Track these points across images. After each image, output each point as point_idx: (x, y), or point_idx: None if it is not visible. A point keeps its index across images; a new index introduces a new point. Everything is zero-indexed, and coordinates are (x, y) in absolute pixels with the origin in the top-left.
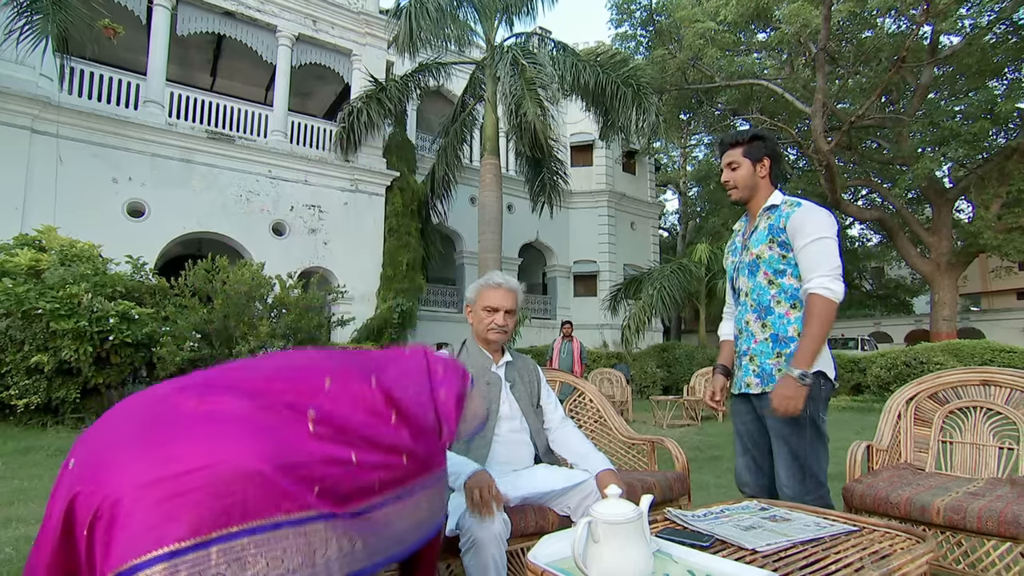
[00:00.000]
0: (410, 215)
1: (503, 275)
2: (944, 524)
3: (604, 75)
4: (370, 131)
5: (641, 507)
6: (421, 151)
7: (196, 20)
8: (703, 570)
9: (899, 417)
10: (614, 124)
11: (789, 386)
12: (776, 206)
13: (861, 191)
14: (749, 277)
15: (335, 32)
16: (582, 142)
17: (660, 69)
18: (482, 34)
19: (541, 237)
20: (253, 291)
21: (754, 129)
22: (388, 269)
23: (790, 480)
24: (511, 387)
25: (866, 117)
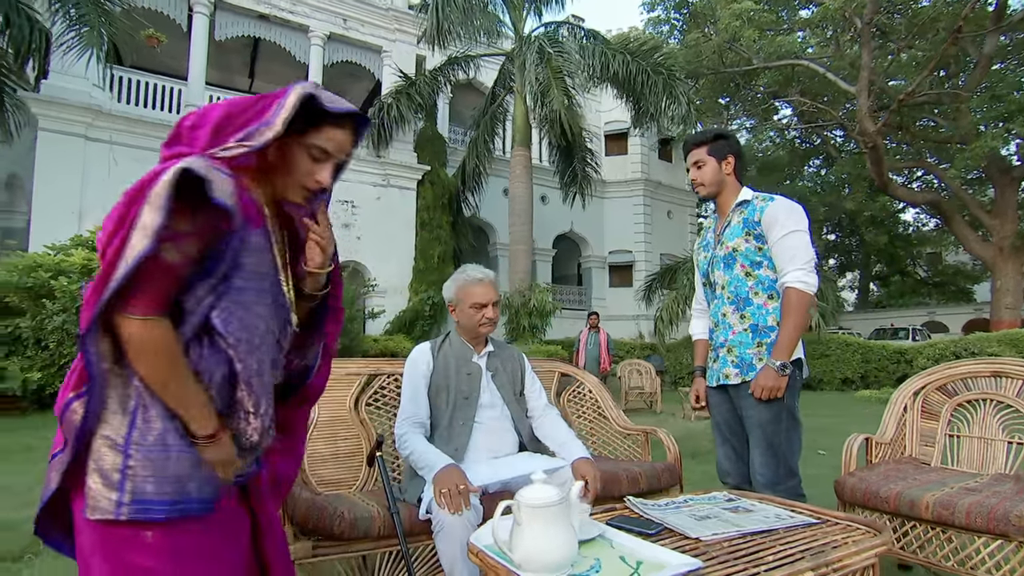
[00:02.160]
0: (441, 208)
1: (478, 268)
2: (933, 520)
3: (634, 63)
4: (400, 126)
5: (571, 494)
6: (453, 144)
7: (233, 25)
8: (635, 556)
9: (905, 410)
10: (646, 112)
11: (770, 376)
12: (748, 201)
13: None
14: (725, 270)
15: (365, 30)
16: (617, 131)
17: (695, 53)
18: (511, 25)
19: (575, 228)
20: None
21: (717, 128)
22: (420, 262)
23: (764, 468)
24: (492, 376)
25: (919, 94)
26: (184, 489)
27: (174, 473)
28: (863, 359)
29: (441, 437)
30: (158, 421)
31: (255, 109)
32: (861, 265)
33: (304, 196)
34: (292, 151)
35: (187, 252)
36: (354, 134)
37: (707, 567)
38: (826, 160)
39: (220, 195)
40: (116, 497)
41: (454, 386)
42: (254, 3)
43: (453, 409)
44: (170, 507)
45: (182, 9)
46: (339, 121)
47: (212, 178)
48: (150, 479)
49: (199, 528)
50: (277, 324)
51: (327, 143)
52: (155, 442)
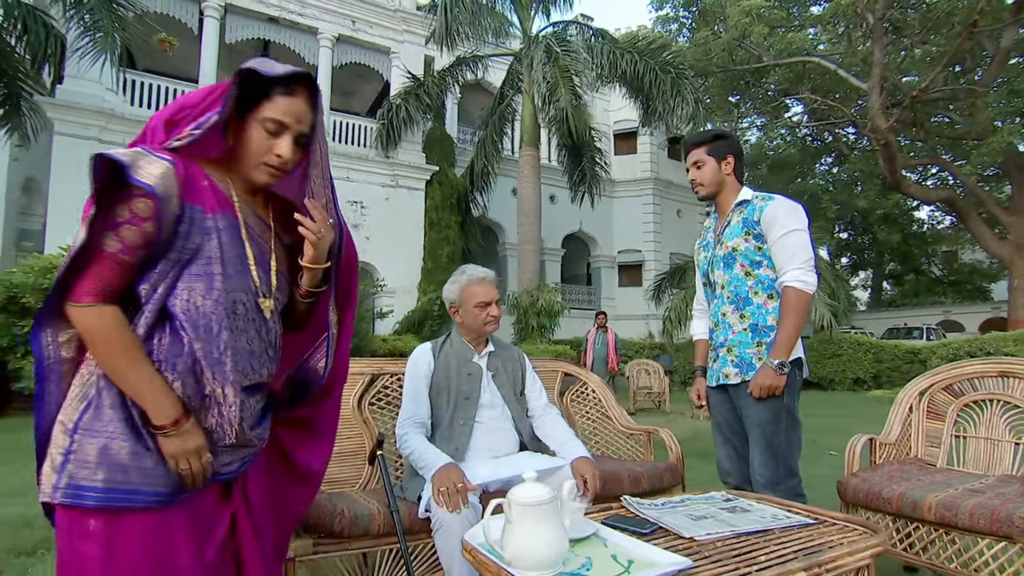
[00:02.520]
0: (449, 208)
1: (478, 267)
2: (936, 521)
3: (642, 62)
4: (409, 127)
5: (563, 492)
6: (462, 144)
7: (242, 28)
8: (627, 555)
9: (911, 410)
10: (654, 111)
11: (768, 375)
12: (748, 201)
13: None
14: (725, 270)
15: (374, 31)
16: (625, 130)
17: (704, 51)
18: (519, 24)
19: (584, 227)
20: None
21: (717, 129)
22: (428, 262)
23: (763, 468)
24: (493, 376)
25: (933, 89)
26: (125, 479)
27: (116, 461)
28: (875, 359)
29: (442, 437)
30: (110, 409)
31: (210, 99)
32: (874, 264)
33: (270, 174)
34: (248, 130)
35: (128, 239)
36: (309, 101)
37: (698, 566)
38: (838, 158)
39: (142, 176)
40: (55, 480)
41: (455, 386)
42: (264, 6)
43: (454, 409)
44: (103, 495)
45: (193, 13)
46: (289, 89)
47: (129, 161)
48: (88, 464)
49: (151, 522)
50: (245, 311)
51: (277, 113)
52: (101, 429)
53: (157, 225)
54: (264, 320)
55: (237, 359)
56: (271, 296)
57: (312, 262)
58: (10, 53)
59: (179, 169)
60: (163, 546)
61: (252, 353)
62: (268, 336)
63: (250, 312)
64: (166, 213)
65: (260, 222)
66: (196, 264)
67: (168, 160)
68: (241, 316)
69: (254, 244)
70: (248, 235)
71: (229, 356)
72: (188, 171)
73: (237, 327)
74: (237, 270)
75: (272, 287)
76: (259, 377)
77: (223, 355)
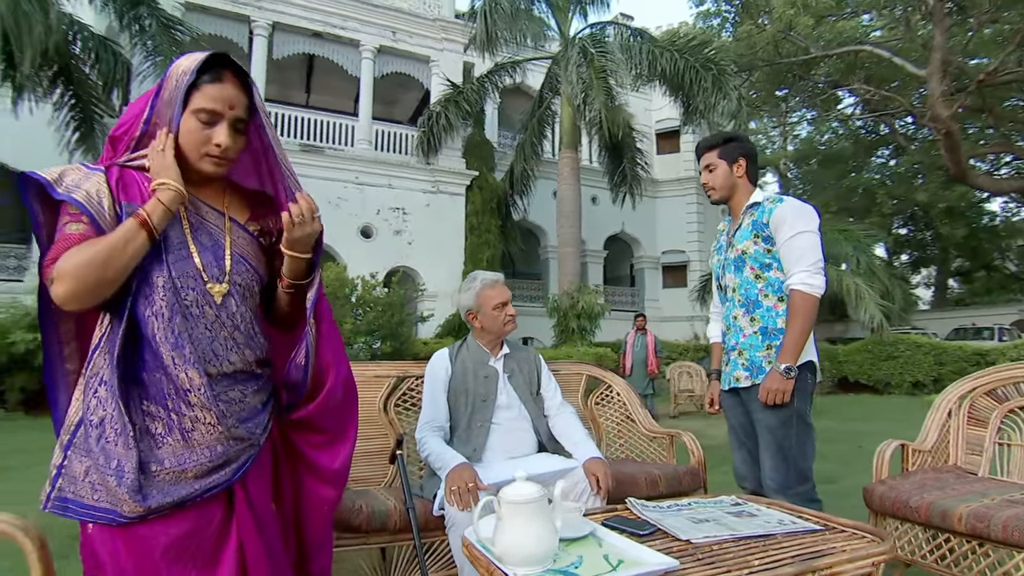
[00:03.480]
0: (489, 212)
1: (486, 272)
2: (967, 532)
3: (682, 59)
4: (448, 134)
5: (555, 492)
6: (503, 148)
7: (289, 44)
8: (619, 555)
9: (949, 415)
10: (696, 109)
11: (775, 379)
12: (759, 203)
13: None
14: (736, 273)
15: (413, 41)
16: (668, 129)
17: (748, 45)
18: (556, 28)
19: (627, 228)
20: (337, 291)
21: (729, 132)
22: (469, 266)
23: (774, 472)
24: (509, 377)
25: (1003, 71)
26: (108, 498)
27: (98, 482)
28: (936, 361)
29: (460, 438)
30: (96, 432)
31: (138, 112)
32: (938, 260)
33: (214, 164)
34: (187, 126)
35: (70, 230)
36: (239, 85)
37: (686, 567)
38: (896, 150)
39: (63, 189)
40: (48, 491)
41: (472, 389)
42: (308, 22)
43: (471, 411)
44: (85, 510)
45: (243, 32)
46: (215, 76)
47: (53, 179)
48: (75, 480)
49: (137, 534)
50: (196, 297)
51: (207, 102)
52: (89, 450)
53: (91, 220)
54: (216, 304)
55: (196, 343)
56: (225, 280)
57: (290, 248)
58: (84, 80)
59: (111, 176)
60: (143, 552)
61: (213, 338)
62: (227, 318)
63: (200, 297)
64: (95, 212)
65: (212, 210)
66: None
67: (98, 169)
68: (192, 303)
69: (202, 231)
70: (190, 223)
71: (187, 340)
72: (122, 175)
73: (191, 313)
74: (180, 256)
75: (227, 271)
76: (228, 364)
77: (179, 339)
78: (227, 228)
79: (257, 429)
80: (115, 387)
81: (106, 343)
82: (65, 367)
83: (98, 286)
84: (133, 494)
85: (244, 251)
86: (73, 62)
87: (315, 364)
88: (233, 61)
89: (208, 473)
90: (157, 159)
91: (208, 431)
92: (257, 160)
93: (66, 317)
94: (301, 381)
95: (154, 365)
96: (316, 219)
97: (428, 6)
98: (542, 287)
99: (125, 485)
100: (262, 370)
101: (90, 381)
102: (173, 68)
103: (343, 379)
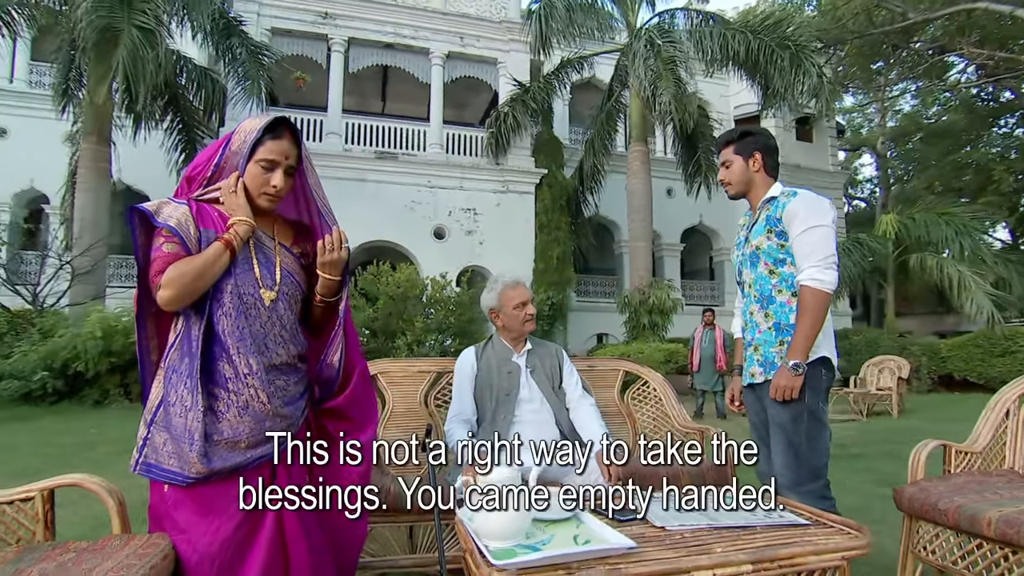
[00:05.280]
0: (559, 210)
1: (509, 274)
2: (997, 538)
3: (756, 40)
4: (516, 133)
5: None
6: (575, 144)
7: (364, 57)
8: (588, 535)
9: (1007, 415)
10: (774, 91)
11: (784, 376)
12: (775, 197)
13: None
14: (751, 268)
15: (481, 44)
16: (747, 114)
17: (834, 18)
18: (621, 19)
19: (705, 220)
20: (408, 291)
21: (744, 126)
22: (539, 263)
23: (785, 469)
24: (531, 372)
25: None
26: (179, 463)
27: (173, 451)
28: None
29: (485, 430)
30: (172, 411)
31: (209, 159)
32: None
33: (269, 200)
34: (251, 171)
35: (166, 249)
36: (292, 140)
37: (644, 549)
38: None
39: (161, 218)
40: (136, 456)
41: (496, 384)
42: (381, 35)
43: (496, 405)
44: (163, 472)
45: (321, 50)
46: (276, 134)
47: (154, 210)
48: (156, 449)
49: (197, 491)
50: (253, 301)
51: (268, 154)
52: (165, 425)
53: (181, 242)
54: (266, 307)
55: (254, 337)
56: (275, 289)
57: (322, 270)
58: (189, 106)
59: (192, 208)
60: (206, 506)
61: (266, 334)
62: (275, 319)
63: (257, 301)
64: (185, 235)
65: (266, 235)
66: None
67: (183, 203)
68: (250, 304)
69: (259, 251)
70: (254, 245)
71: (248, 334)
72: (200, 209)
73: (248, 313)
74: (244, 269)
75: (277, 281)
76: (276, 356)
77: (242, 333)
78: (276, 249)
79: (296, 412)
80: (188, 374)
81: (181, 340)
82: (151, 359)
83: (193, 292)
84: (200, 458)
85: (289, 267)
86: (180, 91)
87: (346, 365)
88: (290, 121)
89: (256, 445)
90: (231, 199)
91: (260, 408)
92: (297, 197)
93: (150, 320)
94: (334, 378)
95: (220, 354)
96: (345, 248)
97: (495, 8)
98: (617, 282)
99: (195, 450)
100: (302, 364)
101: (167, 371)
102: (241, 126)
103: (365, 375)
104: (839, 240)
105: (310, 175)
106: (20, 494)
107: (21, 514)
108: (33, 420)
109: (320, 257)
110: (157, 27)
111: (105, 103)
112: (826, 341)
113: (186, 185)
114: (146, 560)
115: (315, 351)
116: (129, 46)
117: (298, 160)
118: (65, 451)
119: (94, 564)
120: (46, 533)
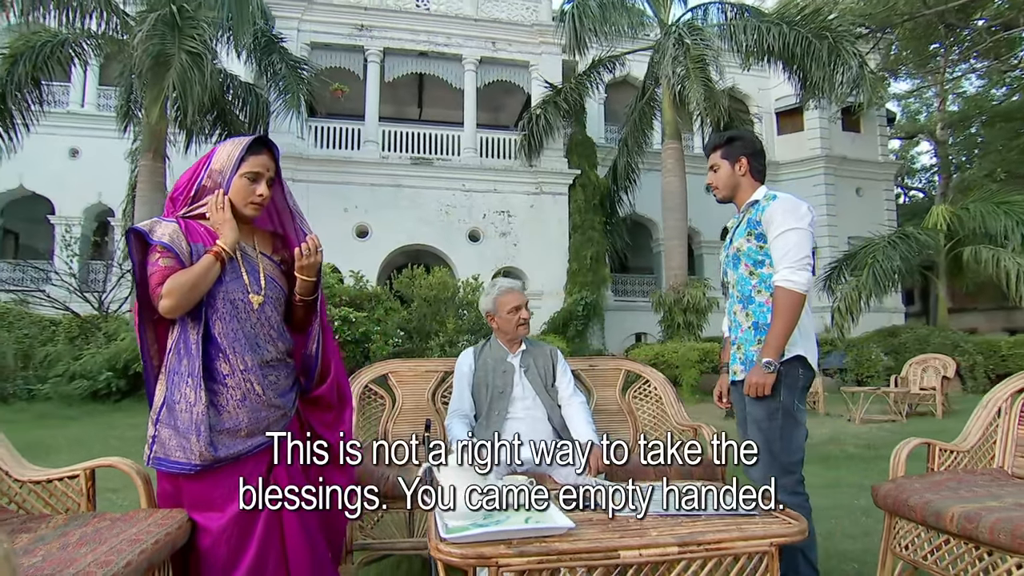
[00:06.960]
0: (593, 210)
1: (506, 279)
2: (959, 534)
3: (791, 32)
4: (549, 134)
5: None
6: (610, 143)
7: (399, 66)
8: (537, 517)
9: (999, 414)
10: (813, 83)
11: (756, 373)
12: (757, 201)
13: None
14: (733, 269)
15: (513, 48)
16: (789, 107)
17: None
18: (654, 16)
19: None
20: (440, 293)
21: (731, 131)
22: (573, 264)
23: (758, 463)
24: (525, 371)
25: None
26: (183, 456)
27: (177, 444)
28: None
29: (482, 426)
30: (175, 408)
31: (191, 178)
32: None
33: (254, 208)
34: (236, 184)
35: (162, 263)
36: (270, 155)
37: (581, 529)
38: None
39: (156, 236)
40: (148, 452)
41: (491, 382)
42: (415, 43)
43: (491, 402)
44: (171, 464)
45: (358, 60)
46: (257, 149)
47: (148, 228)
48: (163, 445)
49: (199, 479)
50: (243, 304)
51: (252, 167)
52: (169, 423)
53: (175, 256)
54: (255, 309)
55: (246, 336)
56: (261, 292)
57: (300, 273)
58: (235, 120)
59: (181, 225)
60: (214, 489)
61: (256, 335)
62: (264, 320)
63: (246, 305)
64: (179, 250)
65: (248, 246)
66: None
67: (173, 221)
68: (240, 308)
69: (245, 260)
70: (241, 255)
71: (241, 334)
72: (188, 225)
73: (240, 316)
74: (233, 277)
75: (262, 286)
76: (267, 352)
77: (236, 333)
78: (259, 258)
79: (288, 403)
80: (190, 373)
81: (178, 344)
82: (152, 363)
83: (191, 300)
84: (207, 447)
85: (272, 273)
86: (227, 107)
87: (324, 354)
88: (268, 139)
89: (254, 434)
90: (217, 215)
91: (256, 400)
92: (270, 211)
93: (149, 328)
94: (313, 365)
95: (217, 354)
96: (319, 253)
97: (526, 12)
98: (655, 281)
99: (202, 441)
100: (290, 359)
101: (169, 374)
102: (220, 147)
103: (340, 366)
104: (888, 232)
105: (283, 185)
106: (67, 472)
107: (69, 489)
108: (100, 416)
109: (298, 262)
110: (204, 50)
111: (159, 122)
112: (803, 340)
113: (171, 205)
114: (163, 528)
115: (299, 345)
116: (179, 69)
117: (276, 173)
118: (126, 443)
119: (122, 529)
120: (88, 505)
